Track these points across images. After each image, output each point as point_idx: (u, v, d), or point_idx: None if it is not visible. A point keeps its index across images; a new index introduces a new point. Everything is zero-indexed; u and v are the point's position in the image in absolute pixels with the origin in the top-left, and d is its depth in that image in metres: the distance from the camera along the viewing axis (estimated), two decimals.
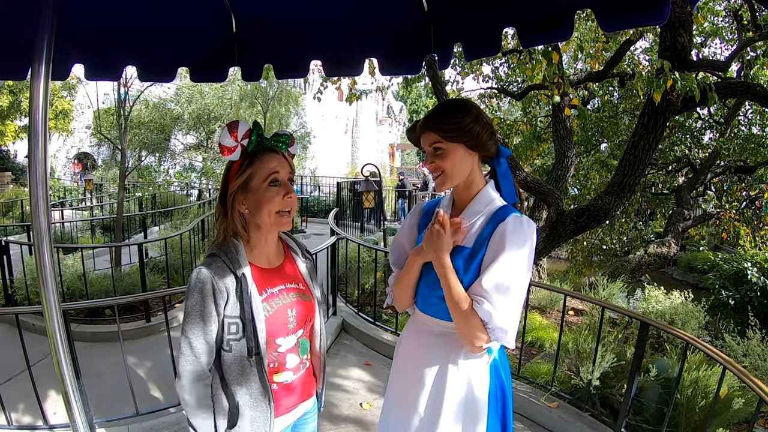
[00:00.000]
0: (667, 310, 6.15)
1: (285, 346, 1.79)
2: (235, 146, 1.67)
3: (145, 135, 15.85)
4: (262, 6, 2.44)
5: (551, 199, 6.82)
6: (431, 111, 1.95)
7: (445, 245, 1.82)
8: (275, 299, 1.77)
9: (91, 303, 6.23)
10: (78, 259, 7.34)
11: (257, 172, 1.70)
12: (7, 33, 2.27)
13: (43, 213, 1.58)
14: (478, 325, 1.75)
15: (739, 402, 3.99)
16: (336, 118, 33.70)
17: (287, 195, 1.73)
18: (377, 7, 2.31)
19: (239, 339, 1.67)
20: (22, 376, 4.27)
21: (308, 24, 2.42)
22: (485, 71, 9.75)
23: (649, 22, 1.66)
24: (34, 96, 1.55)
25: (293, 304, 1.81)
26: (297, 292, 1.85)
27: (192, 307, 1.64)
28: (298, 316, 1.82)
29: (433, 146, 1.89)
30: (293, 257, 1.95)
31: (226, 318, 1.66)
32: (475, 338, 1.77)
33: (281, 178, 1.72)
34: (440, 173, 1.90)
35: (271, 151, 1.73)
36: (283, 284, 1.83)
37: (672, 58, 5.30)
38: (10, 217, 15.45)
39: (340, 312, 6.68)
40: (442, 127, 1.86)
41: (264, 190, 1.70)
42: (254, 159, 1.70)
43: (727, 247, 14.17)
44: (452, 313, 1.82)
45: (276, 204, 1.71)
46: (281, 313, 1.76)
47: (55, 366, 1.64)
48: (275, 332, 1.74)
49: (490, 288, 1.74)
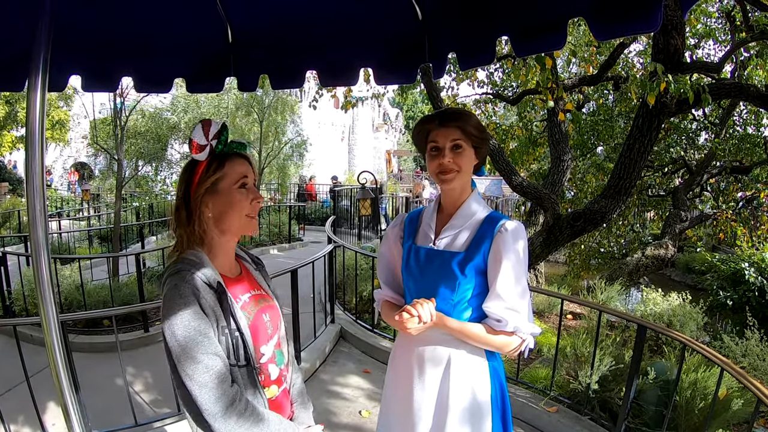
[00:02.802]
0: (665, 312, 6.15)
1: (267, 354, 1.74)
2: (206, 145, 1.63)
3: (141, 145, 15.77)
4: (257, 17, 2.45)
5: (548, 204, 6.83)
6: (455, 110, 1.98)
7: (430, 325, 1.87)
8: (249, 306, 1.73)
9: (89, 314, 6.23)
10: (75, 270, 7.35)
11: (228, 174, 1.66)
12: (3, 44, 2.28)
13: (40, 224, 1.58)
14: (510, 341, 1.89)
15: (738, 403, 4.00)
16: (332, 126, 33.76)
17: (255, 200, 1.71)
18: (372, 16, 2.32)
19: (226, 351, 1.59)
20: (21, 388, 4.26)
21: (303, 34, 2.43)
22: (480, 77, 9.80)
23: (641, 29, 1.67)
24: (31, 107, 1.56)
25: (264, 308, 1.78)
26: (263, 297, 1.82)
27: (185, 330, 1.49)
28: (272, 320, 1.80)
29: (455, 143, 1.91)
30: (247, 267, 1.91)
31: (221, 328, 1.59)
32: (511, 350, 1.93)
33: (249, 183, 1.71)
34: (455, 170, 1.93)
35: (239, 156, 1.71)
36: (250, 291, 1.79)
37: (665, 60, 5.32)
38: (7, 227, 15.45)
39: (339, 320, 6.69)
40: (468, 128, 1.90)
41: (234, 192, 1.67)
42: (225, 161, 1.67)
43: (724, 247, 14.18)
44: (484, 347, 1.94)
45: (246, 208, 1.68)
46: (259, 318, 1.73)
47: (54, 378, 1.64)
48: (259, 340, 1.70)
49: (510, 302, 1.84)
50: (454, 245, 1.94)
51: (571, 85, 8.32)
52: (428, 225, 2.05)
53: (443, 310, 1.90)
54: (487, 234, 1.89)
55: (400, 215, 2.28)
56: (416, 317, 1.80)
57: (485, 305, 1.87)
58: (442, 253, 1.94)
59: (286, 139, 22.53)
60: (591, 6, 1.70)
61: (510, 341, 1.88)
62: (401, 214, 2.33)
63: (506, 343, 1.88)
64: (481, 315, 1.91)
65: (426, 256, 1.98)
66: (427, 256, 1.98)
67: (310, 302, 6.56)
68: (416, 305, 1.82)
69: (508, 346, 1.89)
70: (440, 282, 1.93)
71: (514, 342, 1.88)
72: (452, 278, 1.88)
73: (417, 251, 2.02)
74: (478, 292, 1.91)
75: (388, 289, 2.23)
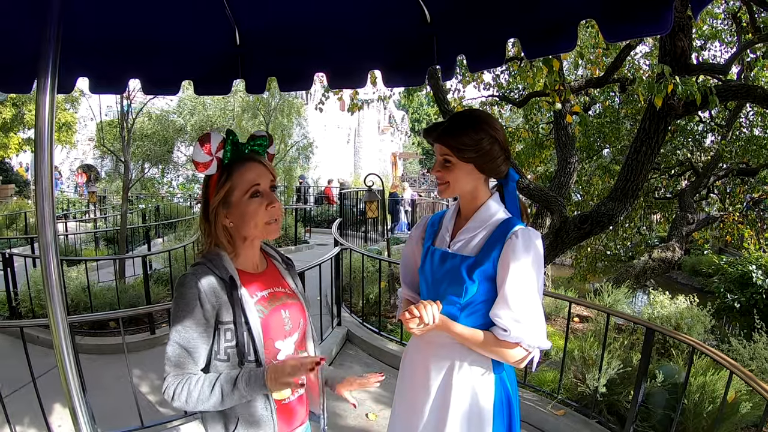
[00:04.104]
0: (673, 315, 6.12)
1: (284, 351, 1.73)
2: (210, 160, 1.61)
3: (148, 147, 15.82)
4: (265, 19, 2.45)
5: (554, 206, 6.81)
6: (450, 121, 1.93)
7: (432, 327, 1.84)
8: (267, 301, 1.72)
9: (96, 316, 6.25)
10: (82, 272, 7.35)
11: (237, 186, 1.64)
12: (12, 46, 2.28)
13: (49, 227, 1.58)
14: (515, 353, 1.85)
15: (747, 406, 3.98)
16: (338, 128, 33.76)
17: (270, 205, 1.67)
18: (380, 19, 2.32)
19: (234, 346, 1.62)
20: (27, 389, 4.27)
21: (311, 37, 2.42)
22: (486, 79, 9.77)
23: (651, 31, 1.66)
24: (40, 110, 1.55)
25: (285, 305, 1.77)
26: (285, 295, 1.81)
27: (176, 315, 1.58)
28: (292, 317, 1.78)
29: (444, 157, 1.89)
30: (275, 264, 1.91)
31: (221, 325, 1.61)
32: (515, 361, 1.88)
33: (263, 189, 1.67)
34: (444, 184, 1.92)
35: (248, 160, 1.68)
36: (272, 287, 1.78)
37: (672, 62, 5.30)
38: (13, 229, 15.48)
39: (345, 322, 6.68)
40: (456, 145, 1.86)
41: (246, 203, 1.65)
42: (232, 171, 1.65)
43: (731, 250, 14.11)
44: (488, 355, 1.90)
45: (261, 216, 1.66)
46: (276, 314, 1.72)
47: (62, 380, 1.63)
48: (273, 334, 1.69)
49: (517, 312, 1.79)
50: (466, 249, 1.91)
51: (577, 87, 8.30)
52: (446, 228, 2.04)
53: (450, 313, 1.89)
54: (498, 240, 1.85)
55: (424, 217, 2.27)
56: (417, 318, 1.79)
57: (492, 313, 1.84)
58: (453, 256, 1.92)
59: (292, 142, 22.59)
60: (602, 8, 1.69)
61: (513, 353, 1.84)
62: (426, 215, 2.32)
63: (509, 354, 1.84)
64: (489, 322, 1.87)
65: (440, 258, 1.97)
66: (441, 258, 1.97)
67: (317, 305, 6.56)
68: (419, 306, 1.80)
69: (512, 357, 1.85)
70: (448, 285, 1.91)
71: (517, 354, 1.84)
72: (460, 282, 1.87)
73: (433, 253, 2.01)
74: (485, 299, 1.88)
75: (407, 288, 2.24)
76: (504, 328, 1.80)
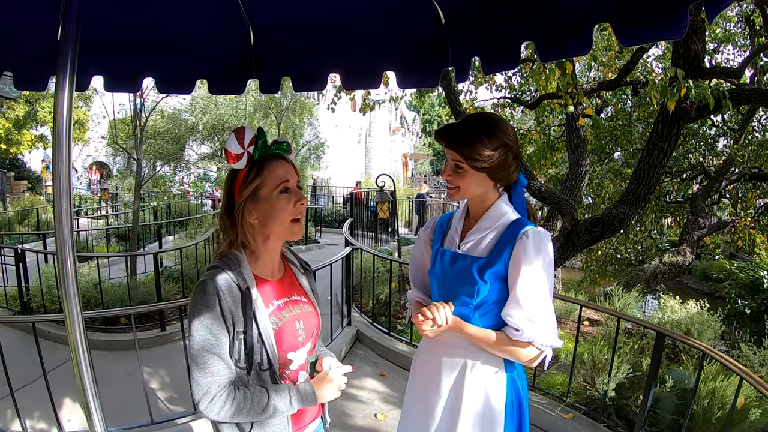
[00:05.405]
0: (683, 320, 6.09)
1: (297, 361, 1.74)
2: (242, 153, 1.62)
3: (160, 145, 15.94)
4: (280, 19, 2.46)
5: (566, 209, 6.79)
6: (462, 125, 1.91)
7: (445, 329, 1.86)
8: (282, 311, 1.72)
9: (108, 312, 6.29)
10: (93, 268, 7.41)
11: (267, 181, 1.65)
12: (29, 44, 2.31)
13: (66, 224, 1.58)
14: (528, 353, 1.86)
15: (756, 412, 3.96)
16: (349, 128, 33.76)
17: (299, 202, 1.69)
18: (395, 20, 2.32)
19: (248, 354, 1.62)
20: (37, 384, 4.30)
21: (326, 37, 2.43)
22: (498, 81, 9.75)
23: (666, 36, 1.66)
24: (58, 107, 1.55)
25: (300, 316, 1.77)
26: (301, 304, 1.81)
27: (198, 324, 1.56)
28: (306, 328, 1.78)
29: (456, 163, 1.89)
30: (293, 270, 1.89)
31: (237, 333, 1.60)
32: (527, 360, 1.89)
33: (291, 186, 1.69)
34: (455, 188, 1.93)
35: (278, 158, 1.69)
36: (288, 296, 1.78)
37: (685, 65, 5.28)
38: (25, 225, 15.61)
39: (355, 322, 6.69)
40: (469, 154, 1.86)
41: (275, 198, 1.65)
42: (263, 167, 1.65)
43: (742, 255, 14.05)
44: (501, 355, 1.91)
45: (289, 212, 1.67)
46: (290, 326, 1.72)
47: (77, 376, 1.64)
48: (285, 346, 1.69)
49: (529, 312, 1.80)
50: (477, 249, 1.92)
51: (589, 90, 8.27)
52: (455, 229, 2.04)
53: (463, 314, 1.90)
54: (509, 240, 1.85)
55: (432, 218, 2.27)
56: (430, 320, 1.80)
57: (504, 313, 1.84)
58: (464, 257, 1.92)
59: (304, 141, 22.66)
60: (617, 12, 1.69)
61: (526, 352, 1.84)
62: (434, 217, 2.32)
63: (522, 354, 1.85)
64: (501, 322, 1.88)
65: (450, 259, 1.97)
66: (451, 259, 1.97)
67: (327, 304, 6.57)
68: (432, 308, 1.81)
69: (525, 356, 1.86)
70: (460, 286, 1.91)
71: (530, 353, 1.85)
72: (472, 283, 1.87)
73: (443, 254, 2.02)
74: (498, 299, 1.88)
75: (417, 290, 2.25)
76: (516, 328, 1.81)
